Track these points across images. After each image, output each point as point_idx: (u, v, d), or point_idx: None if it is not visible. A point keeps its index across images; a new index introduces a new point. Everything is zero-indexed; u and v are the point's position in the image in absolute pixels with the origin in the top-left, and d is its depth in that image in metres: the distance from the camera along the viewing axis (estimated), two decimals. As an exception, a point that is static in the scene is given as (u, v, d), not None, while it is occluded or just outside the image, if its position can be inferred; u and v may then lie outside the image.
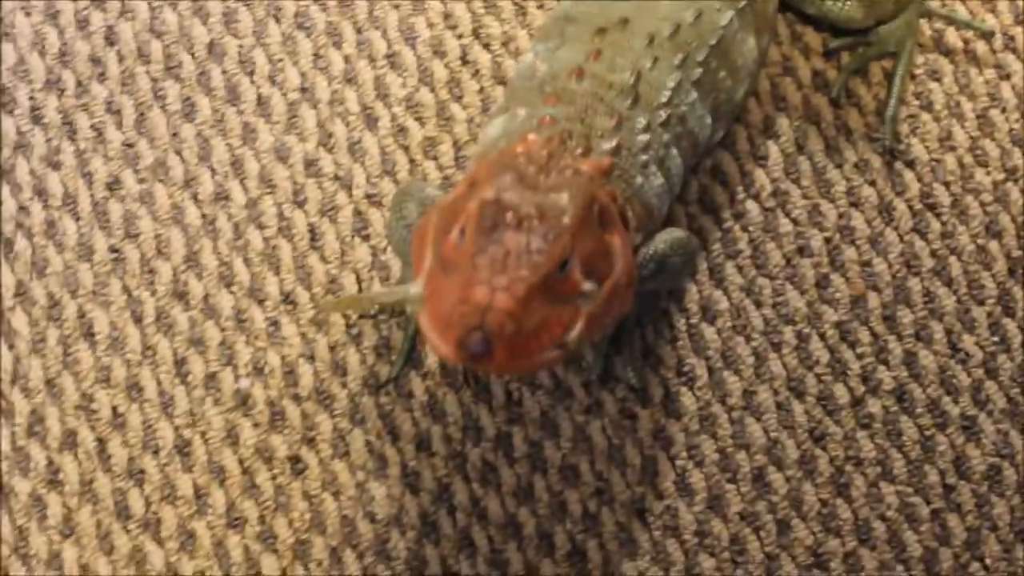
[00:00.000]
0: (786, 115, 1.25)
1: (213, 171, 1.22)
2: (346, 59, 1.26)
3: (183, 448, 1.15)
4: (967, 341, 1.19)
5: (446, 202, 1.05)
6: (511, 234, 1.00)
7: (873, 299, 1.20)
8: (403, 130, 1.24)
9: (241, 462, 1.14)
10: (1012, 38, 1.27)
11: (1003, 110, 1.25)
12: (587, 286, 1.02)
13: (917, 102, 1.25)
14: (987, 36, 1.27)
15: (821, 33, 1.27)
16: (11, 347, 1.17)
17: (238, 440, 1.15)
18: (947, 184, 1.23)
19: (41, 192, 1.21)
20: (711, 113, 1.17)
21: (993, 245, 1.21)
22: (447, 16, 1.27)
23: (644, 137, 1.12)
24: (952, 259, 1.21)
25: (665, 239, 1.13)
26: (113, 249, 1.20)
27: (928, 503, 1.15)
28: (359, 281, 1.19)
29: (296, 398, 1.16)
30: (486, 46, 1.27)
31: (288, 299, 1.19)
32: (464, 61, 1.26)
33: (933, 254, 1.21)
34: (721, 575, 1.13)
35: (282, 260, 1.20)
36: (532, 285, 0.98)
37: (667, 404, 1.16)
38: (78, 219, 1.21)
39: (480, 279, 0.98)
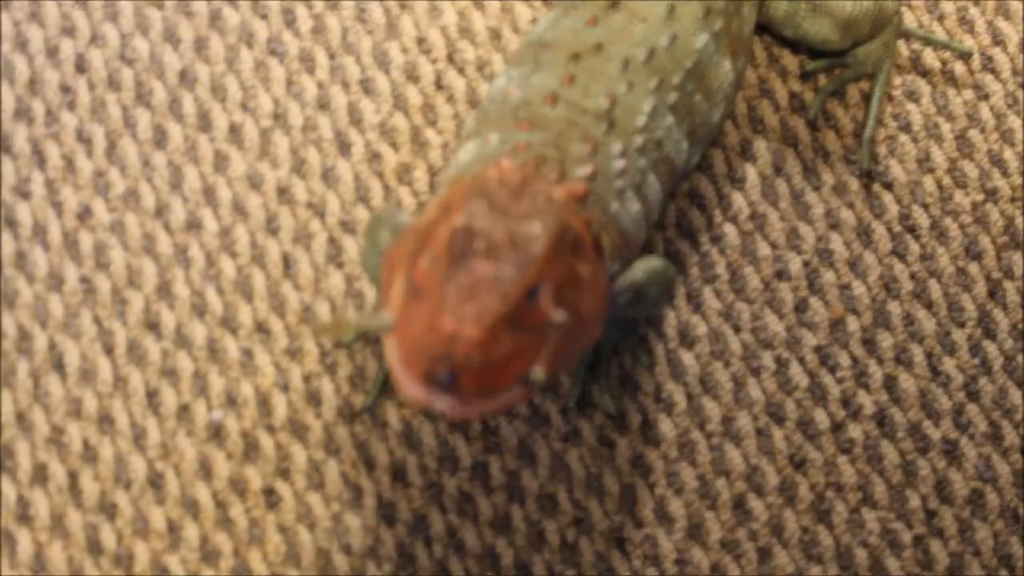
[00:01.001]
0: (763, 137, 1.24)
1: (185, 199, 1.21)
2: (319, 85, 1.25)
3: (156, 481, 1.13)
4: (948, 364, 1.18)
5: (418, 225, 1.04)
6: (481, 262, 0.99)
7: (852, 322, 1.19)
8: (377, 156, 1.23)
9: (215, 495, 1.13)
10: (990, 59, 1.26)
11: (982, 130, 1.24)
12: (557, 316, 1.00)
13: (895, 123, 1.24)
14: (965, 57, 1.26)
15: (798, 55, 1.26)
16: (-20, 380, 1.15)
17: (211, 472, 1.13)
18: (926, 206, 1.22)
19: (11, 222, 1.20)
20: (688, 137, 1.16)
21: (973, 267, 1.20)
22: (421, 41, 1.26)
23: (620, 163, 1.11)
24: (932, 281, 1.20)
25: (643, 268, 1.11)
26: (84, 279, 1.18)
27: (910, 528, 1.14)
28: (333, 309, 1.18)
29: (270, 429, 1.15)
30: (460, 71, 1.25)
31: (262, 328, 1.17)
32: (438, 86, 1.25)
33: (912, 276, 1.20)
34: (702, 604, 1.11)
35: (255, 289, 1.18)
36: (501, 315, 0.97)
37: (645, 431, 1.15)
38: (48, 249, 1.19)
39: (448, 308, 0.97)
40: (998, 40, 1.27)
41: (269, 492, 1.13)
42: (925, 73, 1.26)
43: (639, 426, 1.15)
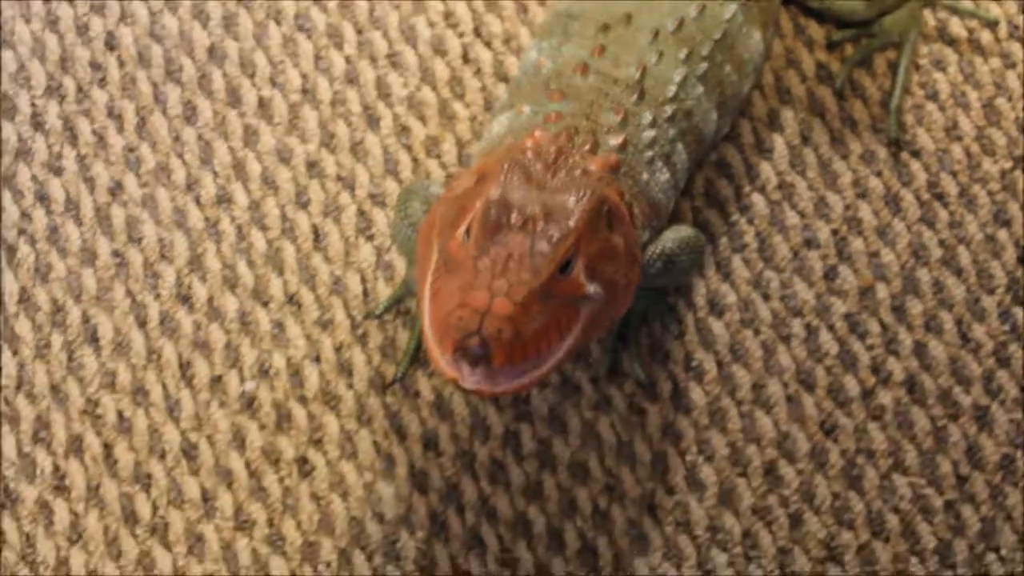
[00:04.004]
0: (791, 108, 1.24)
1: (215, 174, 1.22)
2: (347, 60, 1.25)
3: (189, 452, 1.14)
4: (977, 331, 1.18)
5: (453, 195, 1.04)
6: (514, 236, 0.99)
7: (882, 290, 1.19)
8: (405, 129, 1.23)
9: (248, 464, 1.14)
10: (1017, 27, 1.27)
11: (1009, 98, 1.24)
12: (591, 288, 1.01)
13: (922, 92, 1.25)
14: (992, 25, 1.26)
15: (824, 25, 1.27)
16: (15, 353, 1.16)
17: (245, 443, 1.14)
18: (954, 174, 1.22)
19: (43, 198, 1.21)
20: (716, 108, 1.16)
21: (1002, 234, 1.20)
22: (448, 15, 1.27)
23: (650, 133, 1.11)
24: (960, 248, 1.20)
25: (673, 237, 1.12)
26: (116, 253, 1.19)
27: (941, 494, 1.14)
28: (363, 281, 1.18)
29: (302, 399, 1.15)
30: (487, 44, 1.26)
31: (292, 300, 1.18)
32: (466, 59, 1.25)
33: (941, 244, 1.20)
34: (734, 570, 1.12)
35: (286, 261, 1.19)
36: (533, 289, 0.97)
37: (676, 399, 1.16)
38: (81, 224, 1.20)
39: (480, 282, 0.97)
40: (1025, 8, 1.27)
41: (302, 461, 1.14)
42: (952, 42, 1.26)
43: (669, 394, 1.16)
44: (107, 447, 1.14)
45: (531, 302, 0.98)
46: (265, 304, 1.18)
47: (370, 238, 1.20)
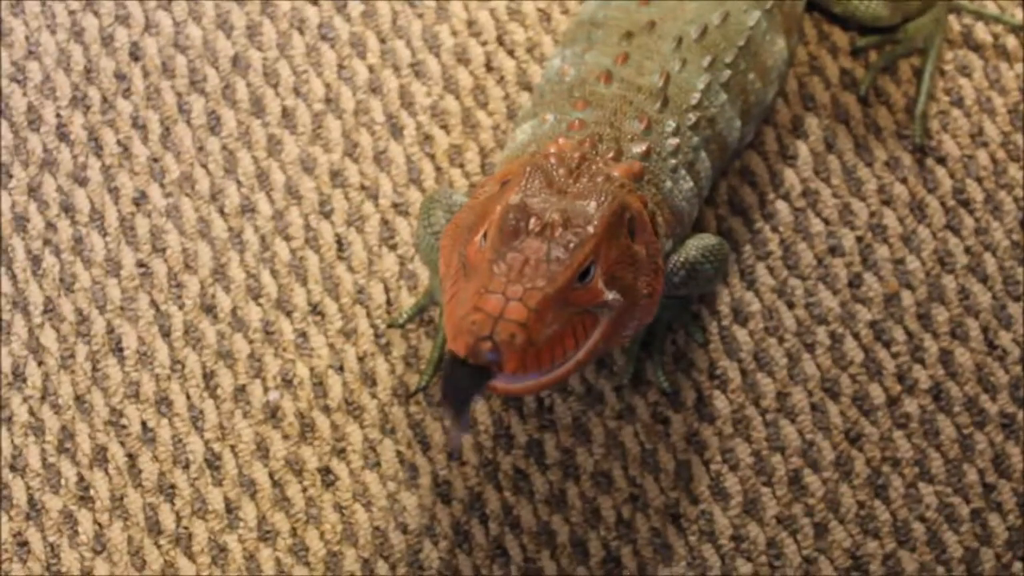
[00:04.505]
0: (815, 114, 1.24)
1: (239, 184, 1.22)
2: (370, 69, 1.25)
3: (213, 462, 1.14)
4: (1003, 338, 1.17)
5: (477, 201, 1.04)
6: (532, 241, 0.99)
7: (907, 297, 1.18)
8: (429, 138, 1.23)
9: (272, 475, 1.14)
10: (1043, 31, 1.26)
11: (1035, 104, 1.24)
12: (610, 296, 1.00)
13: (947, 98, 1.24)
14: (1017, 30, 1.25)
15: (848, 32, 1.26)
16: (40, 364, 1.17)
17: (268, 453, 1.14)
18: (980, 180, 1.22)
19: (68, 208, 1.21)
20: (740, 116, 1.16)
21: (1028, 240, 1.20)
22: (471, 23, 1.27)
23: (674, 141, 1.11)
24: (987, 255, 1.19)
25: (696, 246, 1.11)
26: (141, 264, 1.20)
27: (968, 503, 1.13)
28: (387, 291, 1.18)
29: (326, 409, 1.15)
30: (510, 52, 1.26)
31: (316, 310, 1.18)
32: (489, 68, 1.25)
33: (967, 250, 1.19)
34: (758, 580, 1.11)
35: (309, 271, 1.19)
36: (548, 296, 0.97)
37: (700, 408, 1.15)
38: (105, 235, 1.20)
39: (495, 287, 0.97)
40: (1051, 13, 1.27)
41: (326, 471, 1.14)
42: (977, 47, 1.26)
43: (694, 403, 1.15)
44: (131, 457, 1.14)
45: (546, 309, 0.97)
46: (288, 314, 1.18)
47: (393, 247, 1.20)
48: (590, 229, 1.00)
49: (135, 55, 1.26)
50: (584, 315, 1.00)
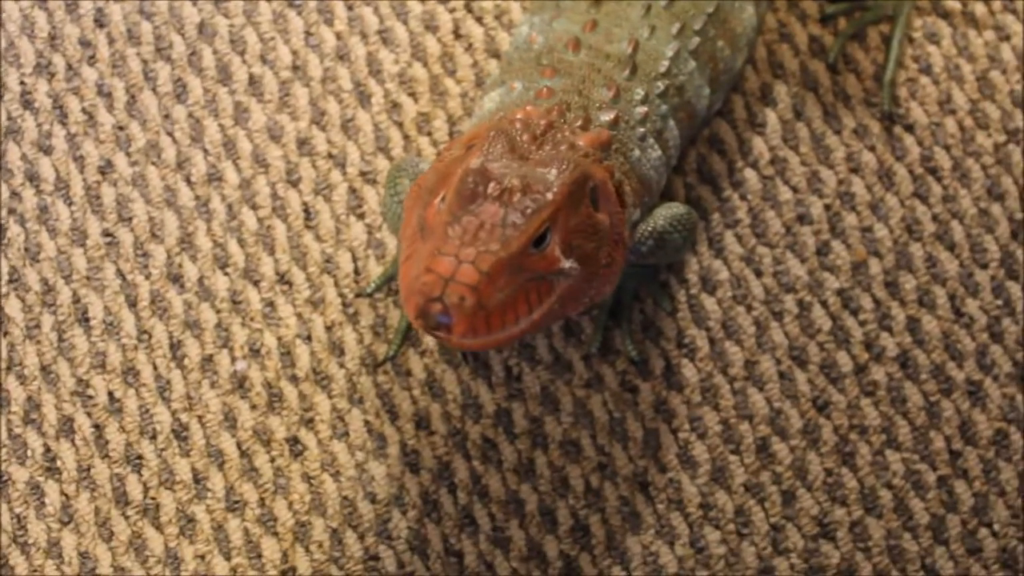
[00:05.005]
0: (783, 82, 1.23)
1: (206, 152, 1.21)
2: (338, 36, 1.25)
3: (181, 432, 1.14)
4: (971, 305, 1.17)
5: (441, 163, 1.04)
6: (489, 205, 0.99)
7: (875, 265, 1.18)
8: (396, 106, 1.22)
9: (239, 445, 1.13)
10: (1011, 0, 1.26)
11: (1003, 71, 1.24)
12: (566, 264, 1.00)
13: (916, 66, 1.24)
14: (985, -3, 1.25)
15: (817, -2, 1.26)
16: (5, 334, 1.16)
17: (236, 423, 1.14)
18: (947, 147, 1.22)
19: (33, 177, 1.20)
20: (709, 83, 1.16)
21: (995, 208, 1.20)
22: (439, -10, 1.26)
23: (642, 109, 1.11)
24: (954, 223, 1.19)
25: (664, 215, 1.11)
26: (106, 233, 1.19)
27: (934, 470, 1.14)
28: (354, 260, 1.18)
29: (293, 379, 1.15)
30: (479, 19, 1.25)
31: (283, 279, 1.17)
32: (457, 35, 1.25)
33: (935, 218, 1.20)
34: (726, 547, 1.12)
35: (277, 240, 1.19)
36: (500, 260, 0.97)
37: (668, 376, 1.15)
38: (71, 204, 1.20)
39: (448, 250, 0.97)
40: (1019, -20, 1.26)
41: (294, 441, 1.13)
42: (945, 15, 1.26)
43: (662, 371, 1.15)
44: (98, 428, 1.14)
45: (498, 273, 0.97)
46: (256, 283, 1.17)
47: (361, 216, 1.19)
48: (549, 196, 1.00)
49: (100, 22, 1.25)
50: (539, 282, 1.00)
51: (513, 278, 0.98)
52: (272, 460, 1.13)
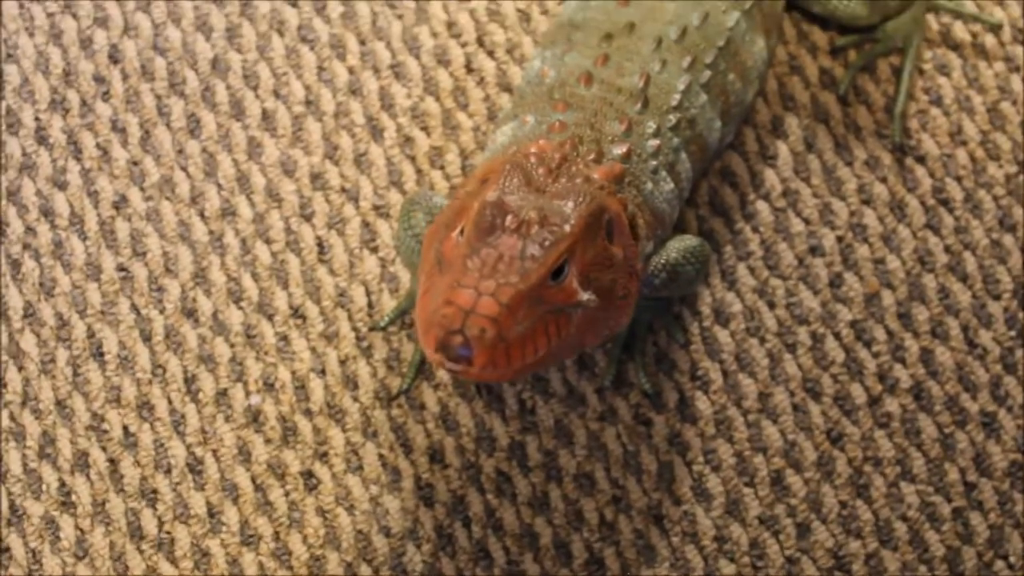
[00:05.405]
0: (795, 114, 1.24)
1: (219, 187, 1.22)
2: (350, 71, 1.25)
3: (195, 466, 1.14)
4: (984, 336, 1.17)
5: (456, 199, 1.04)
6: (507, 238, 0.99)
7: (887, 297, 1.18)
8: (409, 140, 1.23)
9: (254, 479, 1.14)
10: (1020, 30, 1.26)
11: (1013, 102, 1.24)
12: (584, 296, 1.01)
13: (926, 97, 1.24)
14: (995, 29, 1.26)
15: (828, 31, 1.26)
16: (20, 369, 1.16)
17: (250, 457, 1.14)
18: (959, 179, 1.22)
19: (48, 212, 1.21)
20: (720, 116, 1.16)
21: (1007, 239, 1.20)
22: (451, 25, 1.26)
23: (654, 142, 1.11)
24: (966, 254, 1.20)
25: (678, 247, 1.11)
26: (121, 268, 1.19)
27: (949, 502, 1.14)
28: (368, 294, 1.18)
29: (308, 413, 1.15)
30: (490, 54, 1.26)
31: (297, 313, 1.18)
32: (469, 69, 1.25)
33: (947, 249, 1.20)
34: (741, 580, 1.12)
35: (290, 274, 1.19)
36: (520, 292, 0.97)
37: (682, 409, 1.15)
38: (85, 238, 1.20)
39: (468, 282, 0.97)
40: (1029, 12, 1.27)
41: (308, 475, 1.14)
42: (955, 46, 1.26)
43: (675, 404, 1.15)
44: (113, 462, 1.14)
45: (518, 305, 0.97)
46: (270, 317, 1.18)
47: (374, 250, 1.20)
48: (566, 228, 1.00)
49: (114, 58, 1.26)
50: (558, 314, 1.00)
51: (532, 310, 0.98)
52: (286, 494, 1.13)
